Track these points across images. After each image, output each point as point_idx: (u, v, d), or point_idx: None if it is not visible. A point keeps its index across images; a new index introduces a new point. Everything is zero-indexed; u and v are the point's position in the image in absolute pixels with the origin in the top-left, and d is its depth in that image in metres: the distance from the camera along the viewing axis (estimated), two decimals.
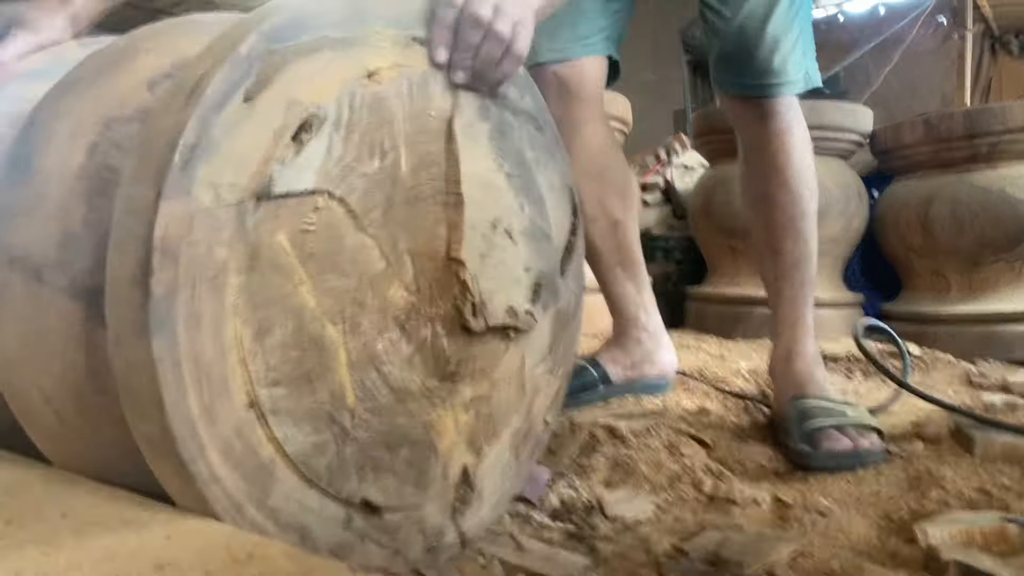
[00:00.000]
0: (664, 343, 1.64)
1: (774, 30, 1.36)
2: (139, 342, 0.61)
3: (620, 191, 1.57)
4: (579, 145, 1.48)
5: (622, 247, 1.58)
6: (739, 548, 0.84)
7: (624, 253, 1.58)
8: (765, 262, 1.49)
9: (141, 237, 0.61)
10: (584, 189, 1.48)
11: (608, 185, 1.55)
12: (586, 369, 1.56)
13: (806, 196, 1.43)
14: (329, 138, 0.72)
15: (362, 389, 0.76)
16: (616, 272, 1.58)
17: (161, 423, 0.63)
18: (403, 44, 0.79)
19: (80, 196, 0.74)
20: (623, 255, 1.58)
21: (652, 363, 1.60)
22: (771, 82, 1.39)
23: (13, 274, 0.74)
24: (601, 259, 1.58)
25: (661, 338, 1.63)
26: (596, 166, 1.53)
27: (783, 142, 1.42)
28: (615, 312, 1.62)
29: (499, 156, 0.89)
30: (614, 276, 1.59)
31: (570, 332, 1.04)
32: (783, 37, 1.37)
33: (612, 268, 1.58)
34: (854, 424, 1.19)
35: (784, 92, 1.40)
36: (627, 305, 1.60)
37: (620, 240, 1.57)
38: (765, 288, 1.50)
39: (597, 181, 1.53)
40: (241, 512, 0.67)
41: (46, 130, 0.77)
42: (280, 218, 0.69)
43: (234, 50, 0.65)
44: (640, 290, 1.61)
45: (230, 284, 0.66)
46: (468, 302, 0.85)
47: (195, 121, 0.62)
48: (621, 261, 1.58)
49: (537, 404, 0.99)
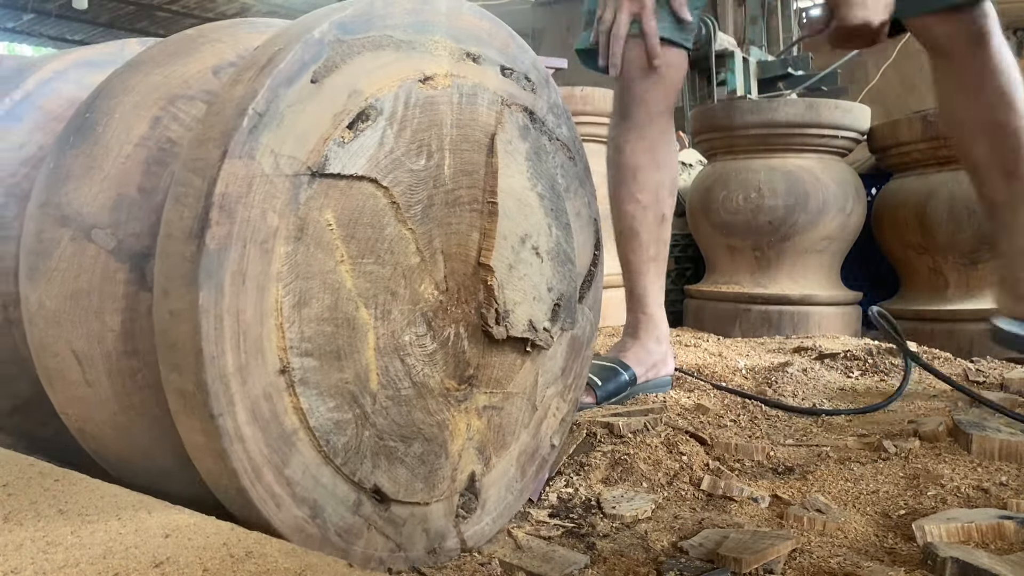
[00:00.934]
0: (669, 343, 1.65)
1: None
2: (187, 292, 0.64)
3: (671, 190, 1.60)
4: (656, 130, 1.52)
5: (660, 242, 1.59)
6: (738, 546, 0.84)
7: (660, 249, 1.60)
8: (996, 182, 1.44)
9: (202, 192, 0.64)
10: (646, 176, 1.53)
11: (666, 179, 1.57)
12: (617, 371, 1.55)
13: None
14: (383, 130, 0.76)
15: (386, 376, 0.78)
16: (650, 266, 1.60)
17: (196, 374, 0.64)
18: (458, 57, 0.84)
19: (138, 163, 0.77)
20: (658, 250, 1.60)
21: (665, 363, 1.61)
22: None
23: (63, 231, 0.77)
24: (641, 249, 1.59)
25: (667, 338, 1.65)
26: (662, 156, 1.56)
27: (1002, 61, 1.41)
28: (638, 307, 1.62)
29: (534, 176, 0.93)
30: (647, 269, 1.60)
31: (583, 360, 1.06)
32: None
33: (648, 261, 1.59)
34: None
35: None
36: (651, 302, 1.61)
37: (661, 235, 1.59)
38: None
39: (659, 172, 1.55)
40: (259, 475, 0.68)
41: (112, 101, 0.80)
42: (330, 196, 0.72)
43: (308, 33, 0.69)
44: (661, 290, 1.63)
45: (277, 251, 0.68)
46: (492, 309, 0.87)
47: (266, 91, 0.66)
48: (656, 256, 1.60)
49: (546, 424, 1.01)
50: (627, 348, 1.61)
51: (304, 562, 0.59)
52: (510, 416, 0.94)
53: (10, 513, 0.66)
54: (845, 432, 1.32)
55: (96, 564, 0.57)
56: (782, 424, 1.38)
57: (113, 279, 0.76)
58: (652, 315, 1.61)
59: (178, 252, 0.65)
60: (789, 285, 2.56)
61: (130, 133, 0.78)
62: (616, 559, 0.85)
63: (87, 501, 0.69)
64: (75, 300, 0.77)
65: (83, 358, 0.78)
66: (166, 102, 0.80)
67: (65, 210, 0.78)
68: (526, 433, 0.97)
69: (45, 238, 0.78)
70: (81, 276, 0.77)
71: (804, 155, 2.56)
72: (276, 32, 0.74)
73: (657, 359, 1.60)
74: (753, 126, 2.57)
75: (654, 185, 1.55)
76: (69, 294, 0.77)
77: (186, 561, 0.58)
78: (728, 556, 0.82)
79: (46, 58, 1.04)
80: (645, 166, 1.55)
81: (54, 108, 0.98)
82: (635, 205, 1.57)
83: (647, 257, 1.59)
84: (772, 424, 1.38)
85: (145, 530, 0.63)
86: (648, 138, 1.52)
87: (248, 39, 0.87)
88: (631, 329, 1.64)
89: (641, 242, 1.58)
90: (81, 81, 1.02)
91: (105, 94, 0.81)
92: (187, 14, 8.94)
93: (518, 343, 0.92)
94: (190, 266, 0.64)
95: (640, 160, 1.55)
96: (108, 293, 0.76)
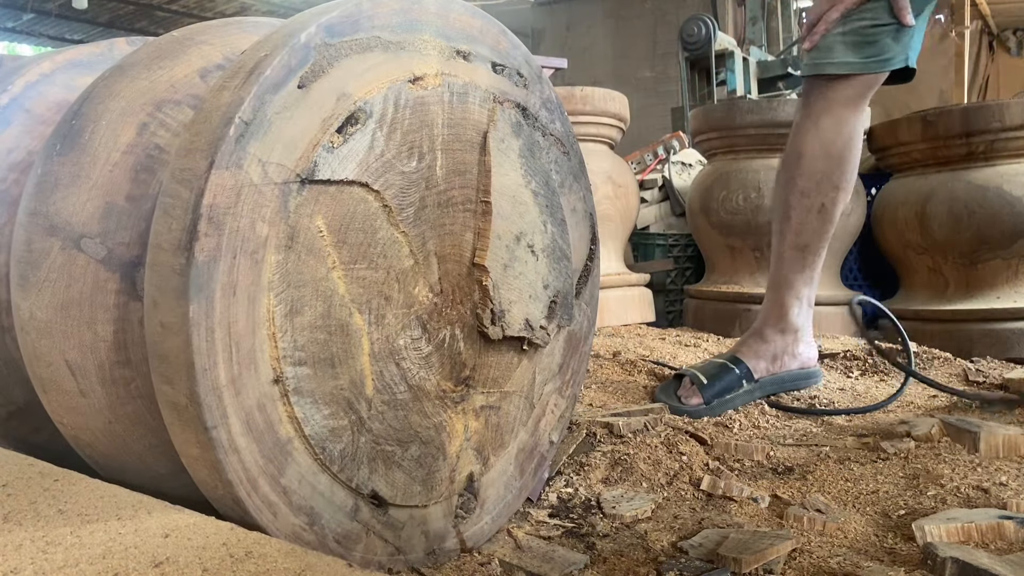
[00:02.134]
0: (806, 338, 1.60)
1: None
2: (177, 305, 0.63)
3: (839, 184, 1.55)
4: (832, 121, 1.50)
5: (813, 232, 1.55)
6: (737, 546, 0.84)
7: (812, 239, 1.55)
8: None
9: (190, 203, 0.63)
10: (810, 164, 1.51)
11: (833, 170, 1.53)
12: (727, 368, 1.52)
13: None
14: (373, 133, 0.75)
15: (381, 381, 0.77)
16: (793, 253, 1.56)
17: (189, 387, 0.64)
18: (448, 55, 0.83)
19: (126, 171, 0.76)
20: (809, 241, 1.55)
21: (793, 355, 1.57)
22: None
23: (52, 241, 0.76)
24: (789, 234, 1.56)
25: (804, 334, 1.60)
26: (838, 149, 1.52)
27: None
28: (770, 295, 1.59)
29: (528, 173, 0.92)
30: (789, 256, 1.57)
31: (580, 356, 1.06)
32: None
33: (792, 248, 1.56)
34: None
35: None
36: (785, 292, 1.57)
37: (815, 225, 1.55)
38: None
39: (829, 162, 1.52)
40: (255, 486, 0.68)
41: (98, 106, 0.79)
42: (320, 203, 0.71)
43: (294, 37, 0.68)
44: (806, 283, 1.58)
45: (268, 260, 0.68)
46: (487, 309, 0.87)
47: (253, 99, 0.65)
48: (806, 247, 1.56)
49: (544, 422, 1.01)
50: (743, 342, 1.59)
51: (304, 562, 0.59)
52: (508, 415, 0.93)
53: (10, 513, 0.65)
54: (845, 432, 1.32)
55: (96, 564, 0.57)
56: (781, 424, 1.38)
57: (104, 289, 0.75)
58: (781, 304, 1.57)
59: (167, 264, 0.64)
60: None
61: (117, 140, 0.77)
62: (616, 559, 0.85)
63: (87, 501, 0.69)
64: (66, 311, 0.76)
65: (76, 368, 0.77)
66: (153, 108, 0.79)
67: (54, 219, 0.77)
68: (524, 431, 0.97)
69: (35, 248, 0.77)
70: (72, 286, 0.76)
71: None
72: (263, 36, 0.73)
73: (778, 350, 1.56)
74: (753, 126, 2.56)
75: (816, 173, 1.52)
76: (60, 304, 0.76)
77: (186, 561, 0.58)
78: (728, 556, 0.82)
79: (33, 60, 1.03)
80: (811, 154, 1.52)
81: (42, 111, 0.97)
82: (791, 188, 1.55)
83: (792, 243, 1.56)
84: (772, 424, 1.38)
85: (145, 530, 0.63)
86: (821, 127, 1.50)
87: (236, 41, 0.85)
88: (758, 319, 1.61)
89: (791, 226, 1.55)
90: (69, 83, 1.01)
91: (92, 100, 0.80)
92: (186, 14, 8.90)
93: (514, 342, 0.91)
94: (180, 279, 0.63)
95: (808, 147, 1.53)
96: (99, 303, 0.75)
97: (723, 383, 1.48)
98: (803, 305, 1.58)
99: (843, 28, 1.46)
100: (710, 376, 1.48)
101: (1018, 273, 2.25)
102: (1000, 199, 2.21)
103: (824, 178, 1.53)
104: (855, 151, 1.54)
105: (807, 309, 1.59)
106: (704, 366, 1.52)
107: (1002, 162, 2.26)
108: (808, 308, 1.60)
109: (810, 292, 1.59)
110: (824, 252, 1.58)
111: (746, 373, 1.52)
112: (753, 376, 1.53)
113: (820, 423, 1.39)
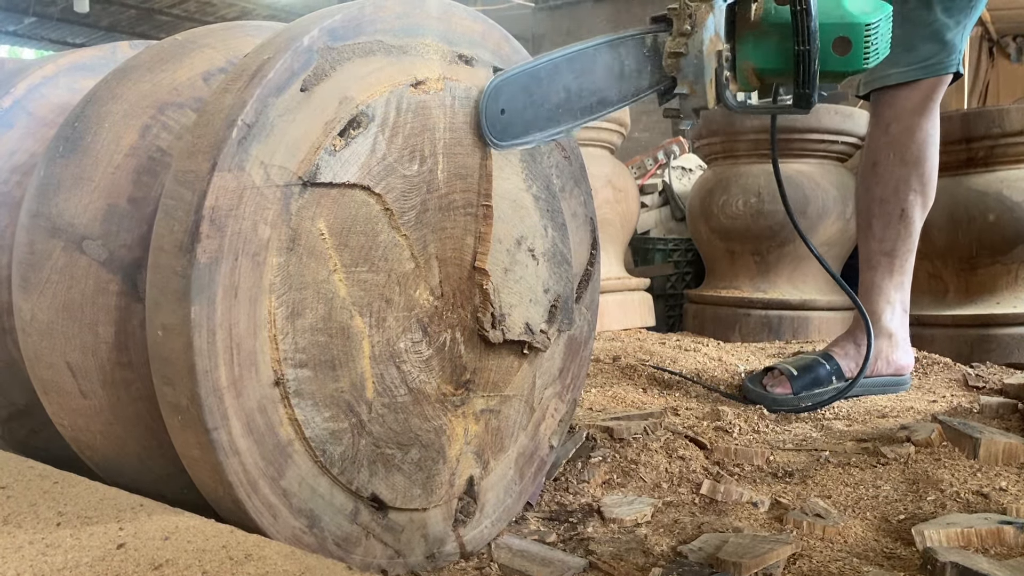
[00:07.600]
0: (902, 345, 1.61)
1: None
2: (178, 307, 0.63)
3: (919, 189, 1.57)
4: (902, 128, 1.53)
5: (897, 238, 1.56)
6: (737, 550, 0.84)
7: (896, 245, 1.57)
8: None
9: (192, 205, 0.63)
10: (886, 170, 1.53)
11: (911, 175, 1.55)
12: (818, 363, 1.53)
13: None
14: (374, 137, 0.75)
15: (381, 384, 0.78)
16: (880, 259, 1.57)
17: (190, 388, 0.64)
18: (450, 59, 0.83)
19: (128, 173, 0.77)
20: (895, 246, 1.56)
21: (887, 361, 1.58)
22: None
23: (54, 243, 0.76)
24: (872, 241, 1.58)
25: (899, 339, 1.61)
26: (913, 154, 1.54)
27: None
28: (863, 301, 1.59)
29: (529, 177, 0.92)
30: (877, 263, 1.58)
31: (580, 360, 1.06)
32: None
33: (878, 255, 1.57)
34: None
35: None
36: (876, 297, 1.58)
37: (899, 230, 1.56)
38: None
39: (906, 168, 1.54)
40: (255, 488, 0.68)
41: (101, 109, 0.80)
42: (322, 206, 0.71)
43: (297, 41, 0.68)
44: (897, 288, 1.59)
45: (270, 263, 0.68)
46: (488, 313, 0.87)
47: (255, 101, 0.65)
48: (892, 252, 1.57)
49: (544, 426, 1.01)
50: (837, 341, 1.61)
51: (303, 564, 0.59)
52: (508, 419, 0.93)
53: (10, 515, 0.66)
54: (844, 437, 1.32)
55: (95, 566, 0.57)
56: (781, 429, 1.38)
57: (106, 291, 0.75)
58: (874, 310, 1.58)
59: (169, 266, 0.64)
60: (789, 290, 2.57)
61: (119, 143, 0.77)
62: (615, 563, 0.85)
63: (87, 503, 0.69)
64: (68, 312, 0.76)
65: (77, 370, 0.77)
66: (155, 110, 0.79)
67: (56, 221, 0.77)
68: (524, 435, 0.97)
69: (37, 249, 0.77)
70: (73, 288, 0.76)
71: (804, 160, 2.57)
72: (266, 40, 0.73)
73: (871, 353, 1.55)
74: (753, 131, 2.57)
75: (893, 179, 1.55)
76: (62, 306, 0.76)
77: (185, 564, 0.58)
78: (728, 560, 0.82)
79: (36, 63, 1.03)
80: (885, 162, 1.54)
81: (45, 114, 0.98)
82: (868, 196, 1.58)
83: (877, 250, 1.58)
84: (771, 429, 1.38)
85: (144, 532, 0.63)
86: (892, 134, 1.53)
87: (238, 44, 0.86)
88: (853, 323, 1.63)
89: (873, 233, 1.57)
90: (72, 86, 1.01)
91: (94, 102, 0.80)
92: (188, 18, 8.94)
93: (515, 346, 0.91)
94: (181, 280, 0.63)
95: (881, 155, 1.55)
96: (101, 305, 0.75)
97: (812, 376, 1.51)
98: (896, 309, 1.60)
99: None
100: (800, 368, 1.51)
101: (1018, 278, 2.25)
102: (1000, 204, 2.21)
103: (901, 184, 1.55)
104: (931, 155, 1.56)
105: (901, 314, 1.61)
106: (795, 360, 1.54)
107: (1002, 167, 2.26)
108: (903, 313, 1.62)
109: (903, 297, 1.61)
110: (912, 256, 1.60)
111: (836, 370, 1.55)
112: (843, 374, 1.55)
113: (820, 428, 1.39)
